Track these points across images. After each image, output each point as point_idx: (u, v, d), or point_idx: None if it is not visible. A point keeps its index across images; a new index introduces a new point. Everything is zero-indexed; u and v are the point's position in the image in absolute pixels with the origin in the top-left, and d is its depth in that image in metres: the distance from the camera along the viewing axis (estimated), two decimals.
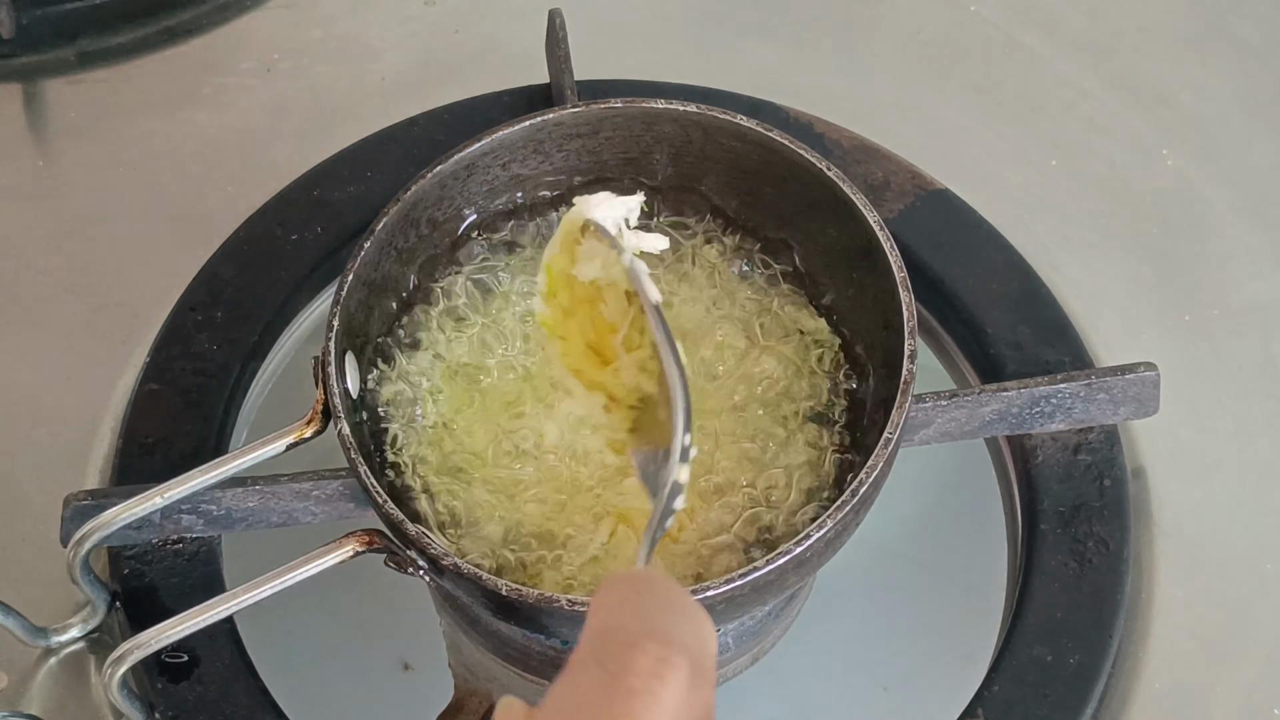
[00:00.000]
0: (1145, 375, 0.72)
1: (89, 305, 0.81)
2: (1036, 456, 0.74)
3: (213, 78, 0.89)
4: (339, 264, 0.70)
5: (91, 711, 0.70)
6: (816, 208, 0.70)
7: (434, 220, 0.71)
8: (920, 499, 0.90)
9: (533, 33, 0.86)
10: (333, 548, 0.64)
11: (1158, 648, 0.71)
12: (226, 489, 0.69)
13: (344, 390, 0.65)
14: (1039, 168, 0.86)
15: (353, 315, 0.67)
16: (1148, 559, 0.74)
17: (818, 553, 0.62)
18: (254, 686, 0.69)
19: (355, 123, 0.85)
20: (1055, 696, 0.68)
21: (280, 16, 0.92)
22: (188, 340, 0.77)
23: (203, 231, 0.82)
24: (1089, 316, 0.80)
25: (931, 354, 0.81)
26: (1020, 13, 0.91)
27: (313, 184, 0.82)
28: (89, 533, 0.66)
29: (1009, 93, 0.88)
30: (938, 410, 0.71)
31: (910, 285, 0.66)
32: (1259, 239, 0.83)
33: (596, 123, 0.71)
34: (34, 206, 0.85)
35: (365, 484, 0.63)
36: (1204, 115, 0.87)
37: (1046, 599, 0.70)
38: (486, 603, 0.63)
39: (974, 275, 0.78)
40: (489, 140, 0.70)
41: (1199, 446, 0.77)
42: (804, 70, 0.89)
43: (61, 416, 0.78)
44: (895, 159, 0.82)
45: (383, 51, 0.91)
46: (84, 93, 0.89)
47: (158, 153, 0.87)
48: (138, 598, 0.71)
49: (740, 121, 0.70)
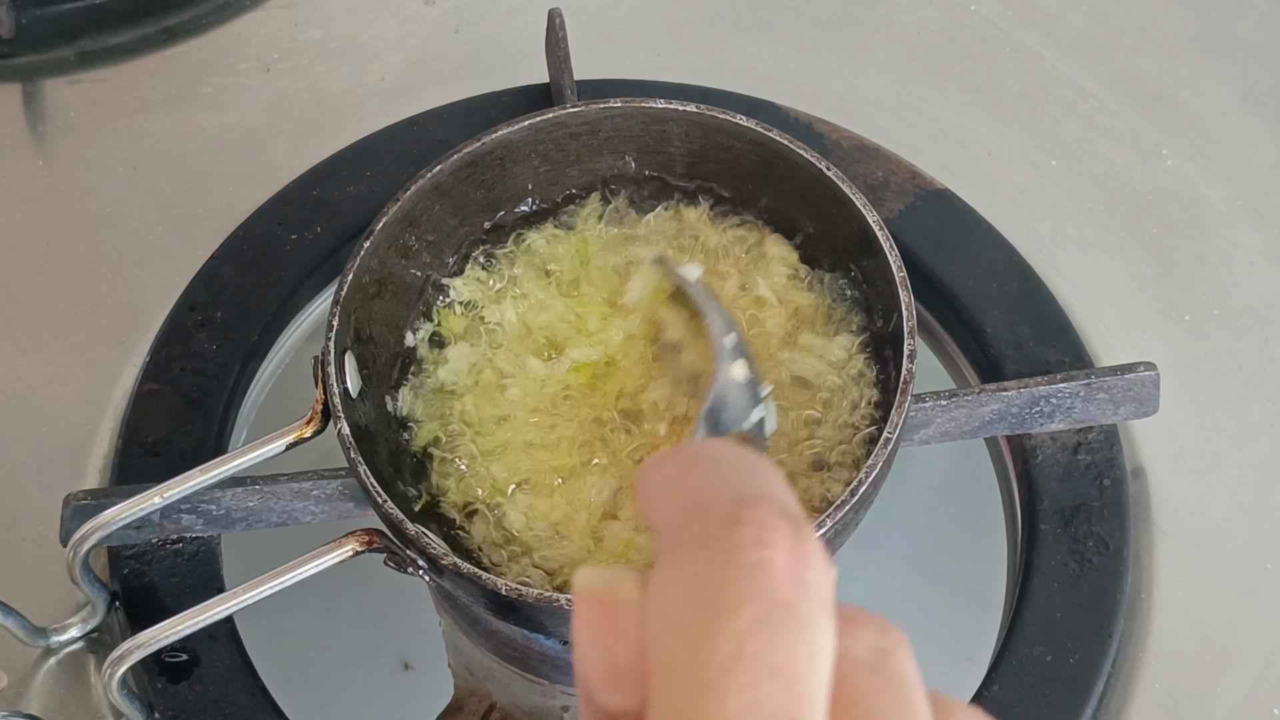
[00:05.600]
0: (1145, 375, 0.72)
1: (89, 305, 0.81)
2: (1036, 456, 0.74)
3: (213, 78, 0.89)
4: (339, 264, 0.70)
5: (91, 711, 0.70)
6: (816, 208, 0.70)
7: (434, 220, 0.71)
8: (920, 499, 0.90)
9: (533, 33, 0.86)
10: (332, 547, 0.64)
11: (1158, 648, 0.72)
12: (226, 489, 0.69)
13: (344, 390, 0.65)
14: (1039, 168, 0.86)
15: (352, 315, 0.67)
16: (1148, 559, 0.74)
17: None
18: (254, 686, 0.69)
19: (355, 123, 0.85)
20: (1055, 696, 0.68)
21: (280, 16, 0.92)
22: (188, 340, 0.77)
23: (203, 231, 0.82)
24: (1089, 316, 0.80)
25: (931, 354, 0.81)
26: (1020, 13, 0.91)
27: (313, 184, 0.82)
28: (89, 532, 0.66)
29: (1009, 93, 0.88)
30: (938, 410, 0.71)
31: (910, 285, 0.66)
32: (1259, 239, 0.83)
33: (596, 122, 0.71)
34: (34, 206, 0.85)
35: (365, 484, 0.63)
36: (1204, 115, 0.87)
37: (1046, 599, 0.70)
38: (486, 603, 0.63)
39: (974, 275, 0.78)
40: (489, 140, 0.70)
41: (1199, 446, 0.77)
42: (804, 70, 0.89)
43: (61, 416, 0.78)
44: (895, 159, 0.82)
45: (383, 51, 0.91)
46: (84, 93, 0.89)
47: (158, 153, 0.87)
48: (137, 597, 0.71)
49: (740, 121, 0.70)
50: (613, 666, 0.32)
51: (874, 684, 0.32)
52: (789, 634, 0.30)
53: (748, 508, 0.31)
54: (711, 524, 0.31)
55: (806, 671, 0.30)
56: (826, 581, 0.32)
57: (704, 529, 0.31)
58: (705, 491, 0.32)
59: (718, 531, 0.31)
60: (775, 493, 0.33)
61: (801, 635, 0.30)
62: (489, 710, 0.73)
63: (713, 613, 0.30)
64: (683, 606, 0.31)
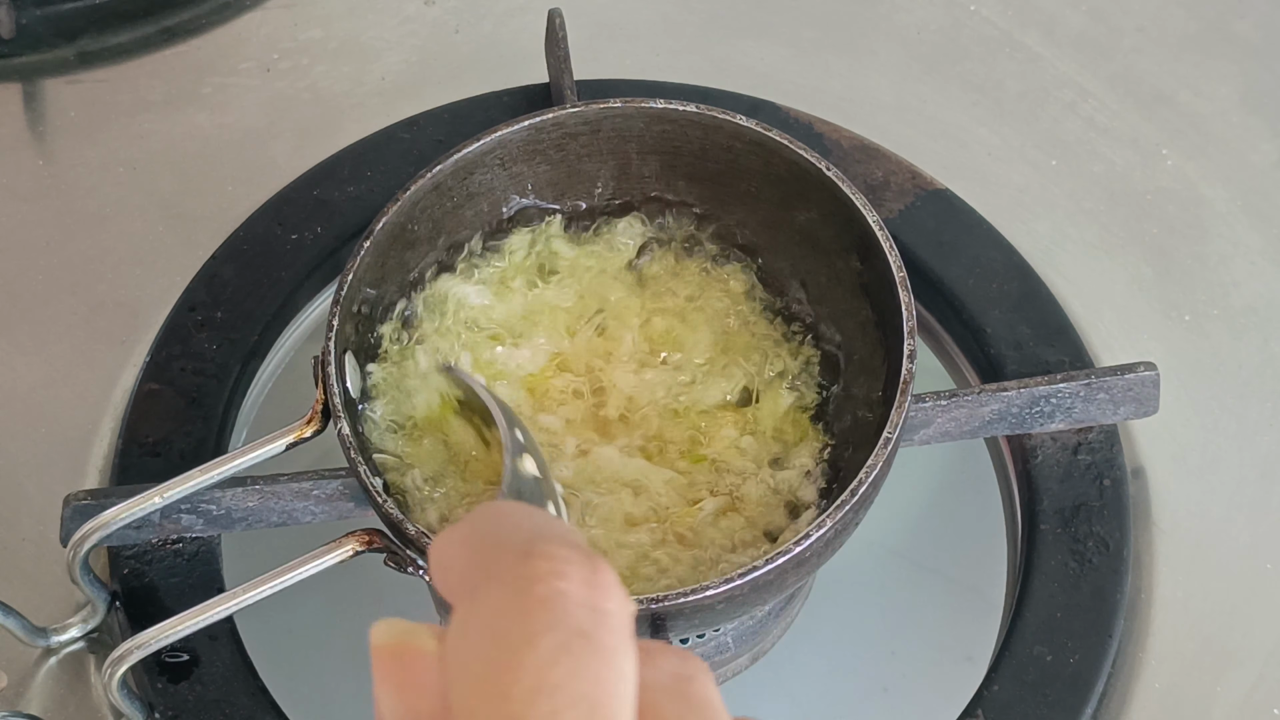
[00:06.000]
0: (1145, 375, 0.72)
1: (89, 305, 0.81)
2: (1036, 456, 0.74)
3: (213, 78, 0.89)
4: (339, 264, 0.70)
5: (91, 711, 0.70)
6: (816, 208, 0.70)
7: (434, 219, 0.71)
8: (920, 499, 0.90)
9: (532, 33, 0.86)
10: (332, 547, 0.64)
11: (1158, 648, 0.71)
12: (226, 489, 0.69)
13: (344, 390, 0.65)
14: (1039, 168, 0.86)
15: (351, 315, 0.67)
16: (1148, 559, 0.74)
17: (817, 552, 0.62)
18: (254, 686, 0.69)
19: (355, 123, 0.85)
20: (1055, 696, 0.68)
21: (280, 16, 0.92)
22: (188, 340, 0.77)
23: (203, 231, 0.82)
24: (1089, 316, 0.80)
25: (931, 354, 0.81)
26: (1020, 13, 0.91)
27: (313, 184, 0.82)
28: (89, 532, 0.66)
29: (1009, 93, 0.88)
30: (937, 410, 0.71)
31: (910, 285, 0.66)
32: (1259, 239, 0.83)
33: (596, 122, 0.71)
34: (34, 206, 0.85)
35: (365, 484, 0.63)
36: (1204, 115, 0.87)
37: (1046, 599, 0.70)
38: None
39: (974, 275, 0.78)
40: (489, 140, 0.70)
41: (1199, 446, 0.77)
42: (804, 70, 0.89)
43: (61, 416, 0.78)
44: (895, 159, 0.82)
45: (383, 51, 0.91)
46: (84, 93, 0.89)
47: (158, 153, 0.87)
48: (137, 597, 0.71)
49: (739, 121, 0.70)
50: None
51: (678, 709, 0.32)
52: (590, 662, 0.30)
53: (541, 543, 0.31)
54: (505, 562, 0.31)
55: (610, 698, 0.30)
56: (625, 612, 0.31)
57: (497, 568, 0.31)
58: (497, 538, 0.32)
59: (512, 568, 0.31)
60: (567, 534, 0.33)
61: (603, 663, 0.30)
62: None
63: (511, 646, 0.30)
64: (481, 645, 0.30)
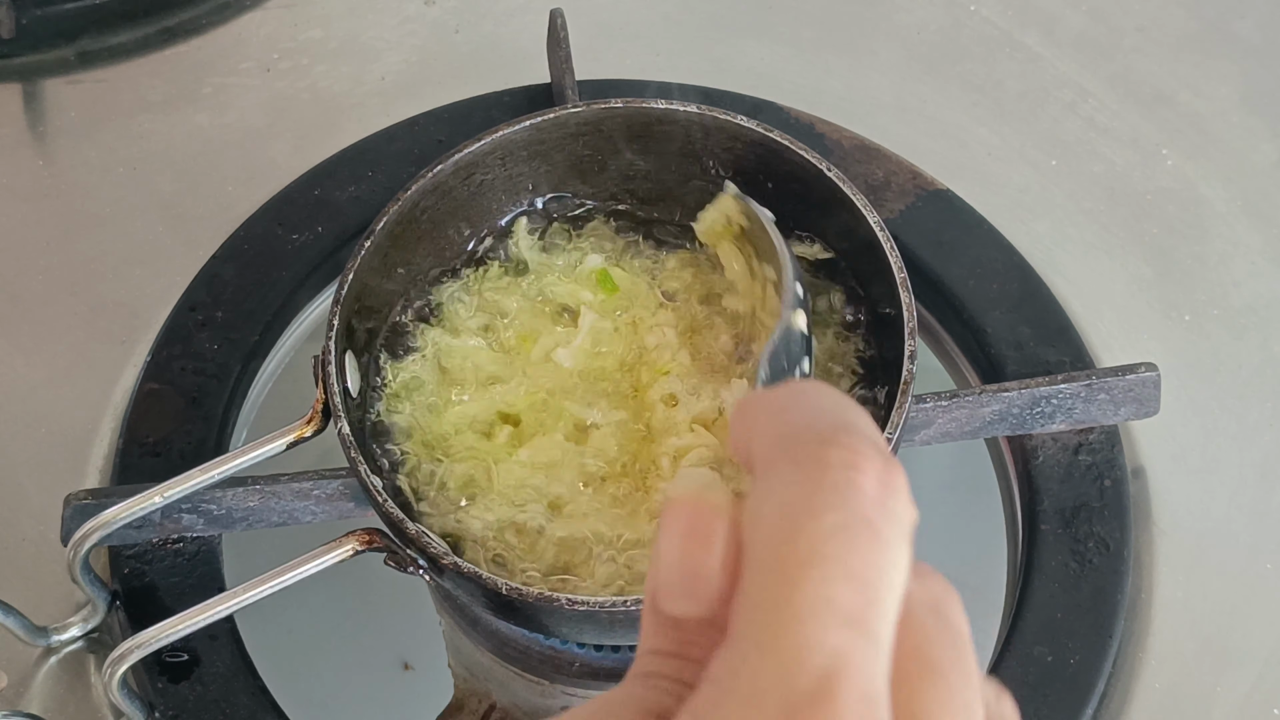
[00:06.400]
0: (1145, 375, 0.72)
1: (89, 305, 0.81)
2: (1037, 457, 0.74)
3: (212, 78, 0.89)
4: (339, 264, 0.70)
5: (91, 711, 0.70)
6: (817, 208, 0.70)
7: (434, 219, 0.71)
8: (920, 499, 0.90)
9: (533, 32, 0.86)
10: (332, 547, 0.64)
11: (1158, 648, 0.72)
12: (227, 488, 0.69)
13: (344, 390, 0.65)
14: (1039, 168, 0.86)
15: (352, 315, 0.67)
16: (1148, 559, 0.74)
17: None
18: (254, 686, 0.69)
19: (355, 123, 0.85)
20: (1055, 696, 0.68)
21: (280, 16, 0.92)
22: (188, 340, 0.77)
23: (203, 231, 0.82)
24: (1089, 316, 0.80)
25: (931, 354, 0.81)
26: (1020, 13, 0.91)
27: (313, 184, 0.82)
28: (89, 532, 0.66)
29: (1009, 93, 0.88)
30: (938, 410, 0.71)
31: (910, 285, 0.66)
32: (1258, 239, 0.83)
33: (597, 122, 0.71)
34: (34, 206, 0.85)
35: (365, 483, 0.63)
36: (1204, 115, 0.87)
37: (1046, 599, 0.70)
38: (486, 602, 0.63)
39: (974, 275, 0.78)
40: (489, 140, 0.70)
41: (1199, 446, 0.77)
42: (804, 70, 0.89)
43: (61, 416, 0.78)
44: (895, 159, 0.82)
45: (383, 51, 0.91)
46: (84, 93, 0.89)
47: (158, 153, 0.87)
48: (138, 597, 0.71)
49: (740, 121, 0.70)
50: (689, 572, 0.34)
51: (936, 624, 0.34)
52: (868, 546, 0.32)
53: (844, 434, 0.33)
54: (807, 446, 0.33)
55: (880, 583, 0.32)
56: (909, 514, 0.33)
57: (797, 449, 0.33)
58: (803, 420, 0.34)
59: (813, 451, 0.33)
60: (870, 430, 0.34)
61: (880, 551, 0.32)
62: (489, 710, 0.73)
63: (796, 518, 0.32)
64: (771, 514, 0.32)
